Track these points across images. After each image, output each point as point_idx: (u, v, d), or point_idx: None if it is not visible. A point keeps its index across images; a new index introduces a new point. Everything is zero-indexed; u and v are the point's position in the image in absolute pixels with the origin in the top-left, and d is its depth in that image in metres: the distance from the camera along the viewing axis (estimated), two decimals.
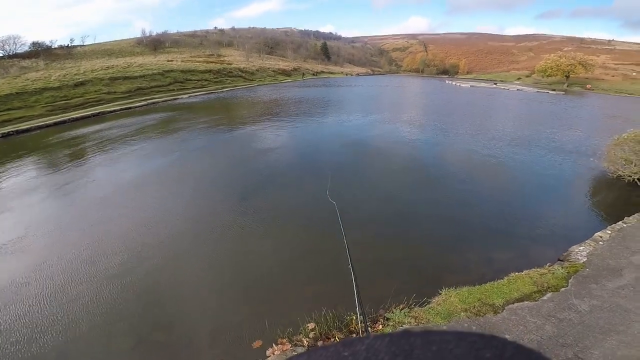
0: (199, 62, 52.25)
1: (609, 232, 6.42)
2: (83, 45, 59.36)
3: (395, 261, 6.38)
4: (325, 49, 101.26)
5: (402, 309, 4.62)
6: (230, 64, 56.03)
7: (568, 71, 60.45)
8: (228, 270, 6.18)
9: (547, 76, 64.76)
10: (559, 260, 5.90)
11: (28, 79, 28.41)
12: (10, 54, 44.67)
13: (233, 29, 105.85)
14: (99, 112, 24.41)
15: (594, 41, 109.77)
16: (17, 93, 24.17)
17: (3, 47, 44.75)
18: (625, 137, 10.70)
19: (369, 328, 4.36)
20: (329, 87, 48.02)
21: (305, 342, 4.14)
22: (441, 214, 8.43)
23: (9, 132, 18.67)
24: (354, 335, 4.28)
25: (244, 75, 53.39)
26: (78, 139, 17.06)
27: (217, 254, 6.65)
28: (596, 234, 6.39)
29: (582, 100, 41.38)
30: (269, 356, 3.95)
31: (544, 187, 10.55)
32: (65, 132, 18.65)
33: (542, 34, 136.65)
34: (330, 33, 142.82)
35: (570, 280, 4.79)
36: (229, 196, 9.35)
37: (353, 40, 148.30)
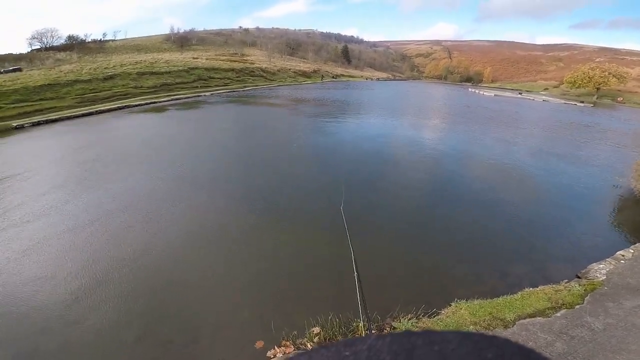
0: (222, 60, 53.36)
1: (632, 251, 6.16)
2: (114, 40, 61.92)
3: (407, 270, 6.33)
4: (346, 52, 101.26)
5: (409, 318, 4.59)
6: (253, 64, 56.93)
7: (600, 83, 57.92)
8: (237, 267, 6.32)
9: (576, 87, 62.33)
10: (577, 277, 5.71)
11: (61, 71, 29.80)
12: (47, 46, 47.01)
13: (257, 28, 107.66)
14: (125, 106, 25.34)
15: (629, 52, 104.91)
16: (49, 84, 25.40)
17: (40, 39, 47.16)
18: None
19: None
20: (347, 90, 47.97)
21: (309, 345, 4.16)
22: (457, 224, 8.29)
23: (39, 121, 19.64)
24: None
25: (265, 75, 54.11)
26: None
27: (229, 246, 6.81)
28: (618, 253, 6.15)
29: (612, 114, 39.64)
30: (270, 358, 3.98)
31: (566, 202, 10.19)
32: None
33: (573, 43, 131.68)
34: (352, 36, 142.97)
35: (586, 298, 4.64)
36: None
37: (375, 44, 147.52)
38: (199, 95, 33.47)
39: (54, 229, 7.34)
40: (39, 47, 46.70)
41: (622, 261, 5.77)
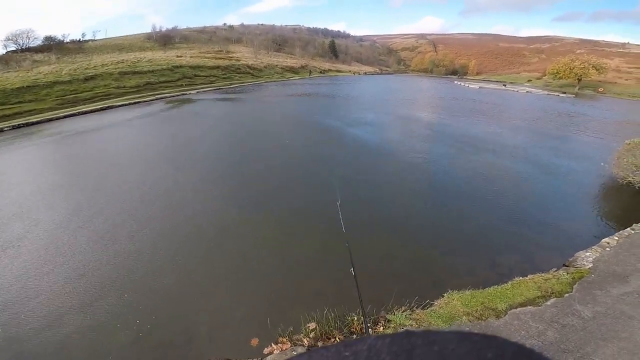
0: (207, 58, 52.49)
1: (617, 238, 6.34)
2: (94, 40, 60.18)
3: (399, 263, 6.37)
4: (333, 47, 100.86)
5: (403, 311, 4.61)
6: (239, 61, 56.20)
7: (580, 74, 59.40)
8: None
9: (559, 79, 63.78)
10: (564, 265, 5.84)
11: (40, 73, 28.83)
12: (23, 47, 45.35)
13: (242, 25, 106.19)
14: (108, 106, 24.69)
15: (608, 44, 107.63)
16: (28, 86, 24.56)
17: (16, 41, 45.46)
18: (637, 142, 10.50)
19: (370, 329, 4.37)
20: (336, 85, 47.90)
21: (305, 341, 4.14)
22: (447, 215, 8.39)
23: (19, 124, 19.03)
24: (354, 335, 4.28)
25: (252, 71, 53.48)
26: None
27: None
28: (603, 240, 6.32)
29: (592, 104, 40.70)
30: (267, 355, 3.96)
31: (551, 192, 10.42)
32: None
33: (555, 36, 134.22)
34: (339, 31, 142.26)
35: (574, 286, 4.75)
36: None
37: (362, 38, 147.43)
38: (184, 94, 32.86)
39: None
40: (14, 48, 45.02)
41: (607, 249, 5.93)
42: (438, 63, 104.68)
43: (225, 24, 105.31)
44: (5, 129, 18.05)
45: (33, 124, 19.51)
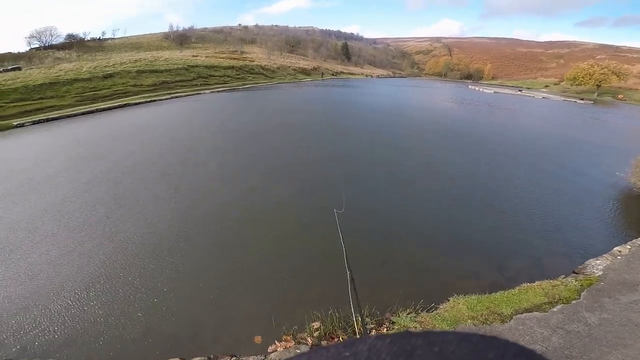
0: (222, 58, 53.32)
1: (629, 247, 6.21)
2: (114, 38, 61.77)
3: (406, 265, 6.38)
4: (345, 49, 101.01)
5: (408, 313, 4.64)
6: (253, 61, 56.87)
7: (600, 80, 57.86)
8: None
9: (577, 85, 62.24)
10: (573, 272, 5.76)
11: (61, 70, 29.79)
12: (46, 45, 46.90)
13: (257, 26, 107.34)
14: (125, 104, 25.33)
15: (630, 49, 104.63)
16: (50, 83, 25.41)
17: (39, 38, 47.05)
18: None
19: (374, 330, 4.42)
20: (348, 88, 47.95)
21: (309, 340, 4.21)
22: (456, 219, 8.35)
23: (39, 119, 19.69)
24: (359, 336, 4.34)
25: (265, 72, 54.05)
26: None
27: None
28: (615, 249, 6.20)
29: (612, 111, 39.59)
30: (270, 352, 4.04)
31: (564, 198, 10.23)
32: None
33: (574, 41, 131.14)
34: (352, 33, 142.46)
35: (582, 293, 4.69)
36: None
37: (375, 41, 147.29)
38: (198, 93, 33.46)
39: None
40: (37, 45, 46.62)
41: (618, 257, 5.82)
42: (453, 67, 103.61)
43: (240, 24, 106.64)
44: (27, 124, 18.73)
45: (53, 119, 20.20)
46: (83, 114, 22.03)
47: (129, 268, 6.06)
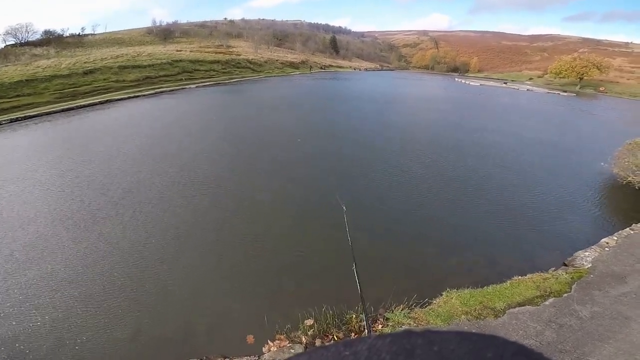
0: (207, 52, 52.15)
1: (616, 238, 6.33)
2: (94, 34, 59.66)
3: (398, 260, 6.36)
4: (334, 42, 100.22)
5: (402, 309, 4.61)
6: (239, 55, 55.86)
7: (582, 73, 59.18)
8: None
9: (560, 77, 63.53)
10: (563, 265, 5.84)
11: (38, 67, 28.58)
12: (22, 41, 44.99)
13: (243, 20, 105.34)
14: (107, 100, 24.55)
15: (611, 43, 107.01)
16: (27, 80, 24.35)
17: (15, 35, 45.09)
18: (637, 142, 10.46)
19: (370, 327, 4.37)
20: (338, 81, 47.74)
21: (303, 339, 4.12)
22: (446, 213, 8.37)
23: (17, 117, 18.92)
24: (353, 333, 4.28)
25: (252, 66, 53.20)
26: None
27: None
28: (602, 240, 6.31)
29: (591, 102, 40.56)
30: (264, 352, 3.95)
31: (550, 191, 10.38)
32: None
33: (558, 35, 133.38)
34: (340, 27, 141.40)
35: (573, 286, 4.74)
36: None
37: (363, 34, 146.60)
38: (183, 88, 32.72)
39: None
40: (13, 42, 44.65)
41: (606, 249, 5.92)
42: (439, 60, 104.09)
43: (225, 18, 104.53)
44: (3, 122, 17.94)
45: (31, 117, 19.42)
46: (62, 110, 21.24)
47: (117, 269, 5.86)
